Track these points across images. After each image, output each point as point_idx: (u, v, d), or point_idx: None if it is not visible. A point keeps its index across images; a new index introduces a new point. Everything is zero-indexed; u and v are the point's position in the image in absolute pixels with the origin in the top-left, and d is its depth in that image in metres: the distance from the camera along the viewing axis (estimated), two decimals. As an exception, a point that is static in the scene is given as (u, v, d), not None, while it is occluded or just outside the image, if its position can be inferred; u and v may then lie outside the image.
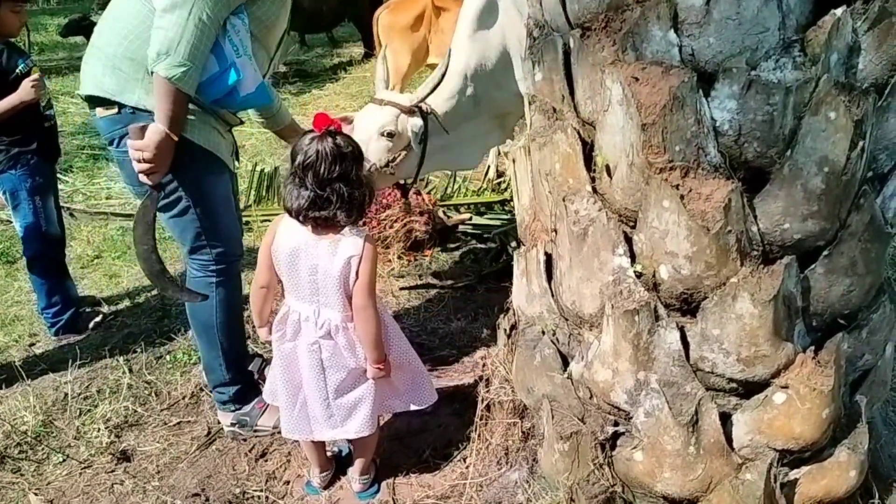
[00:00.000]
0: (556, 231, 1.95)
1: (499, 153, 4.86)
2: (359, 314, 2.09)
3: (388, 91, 3.17)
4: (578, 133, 1.85)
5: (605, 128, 1.76)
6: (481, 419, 2.35)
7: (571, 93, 1.88)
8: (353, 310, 2.09)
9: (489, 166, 4.80)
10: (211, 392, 2.81)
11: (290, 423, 2.28)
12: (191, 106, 2.23)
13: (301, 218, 2.02)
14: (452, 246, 4.25)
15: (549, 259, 2.05)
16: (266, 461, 2.63)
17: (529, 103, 1.97)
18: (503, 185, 4.68)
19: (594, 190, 1.85)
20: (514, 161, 2.16)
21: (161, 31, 2.07)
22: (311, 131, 2.00)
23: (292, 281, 2.12)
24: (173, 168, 2.27)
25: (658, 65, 1.65)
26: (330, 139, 1.97)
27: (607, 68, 1.70)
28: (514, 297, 2.22)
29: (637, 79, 1.67)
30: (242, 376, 2.79)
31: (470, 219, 4.37)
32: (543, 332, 2.09)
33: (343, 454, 2.56)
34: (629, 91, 1.66)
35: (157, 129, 2.15)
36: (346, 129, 3.32)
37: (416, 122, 3.02)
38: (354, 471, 2.43)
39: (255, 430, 2.75)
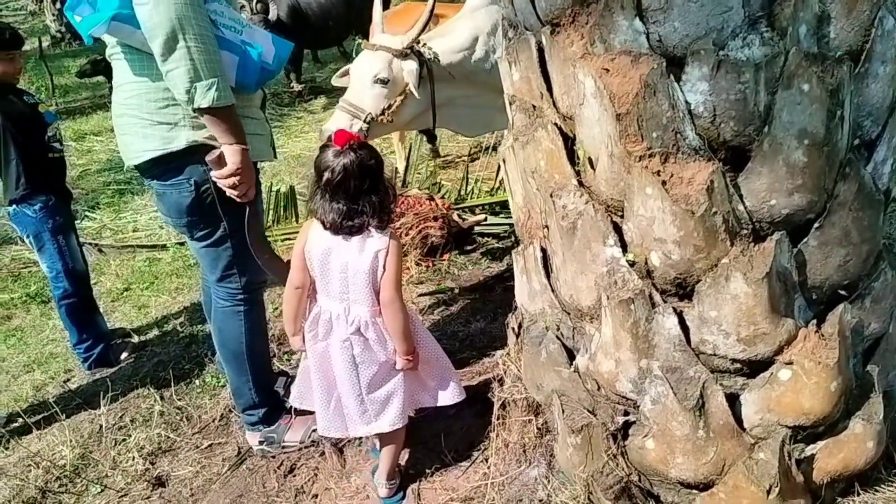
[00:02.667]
0: (547, 227, 1.96)
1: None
2: (387, 307, 2.18)
3: (381, 35, 3.11)
4: (560, 129, 1.86)
5: (583, 121, 1.77)
6: (498, 419, 2.36)
7: (549, 90, 1.89)
8: (381, 303, 2.18)
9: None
10: (240, 414, 2.87)
11: (326, 421, 2.37)
12: None
13: (336, 229, 2.13)
14: (469, 248, 4.27)
15: (545, 255, 2.06)
16: (294, 477, 2.68)
17: (510, 103, 1.99)
18: (516, 183, 4.68)
19: (580, 183, 1.86)
20: (504, 161, 2.18)
21: (176, 72, 2.07)
22: (329, 145, 2.10)
23: (324, 280, 2.22)
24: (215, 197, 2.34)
25: (627, 54, 1.65)
26: (353, 154, 2.06)
27: (578, 62, 1.71)
28: (517, 295, 2.24)
29: (608, 70, 1.68)
30: (270, 398, 2.85)
31: (485, 219, 4.38)
32: (547, 328, 2.10)
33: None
34: (601, 83, 1.67)
35: (233, 149, 2.21)
36: (338, 81, 3.34)
37: (411, 65, 2.98)
38: (381, 475, 2.48)
39: (283, 446, 2.80)
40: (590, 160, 1.80)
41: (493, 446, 2.38)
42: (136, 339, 3.82)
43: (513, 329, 2.35)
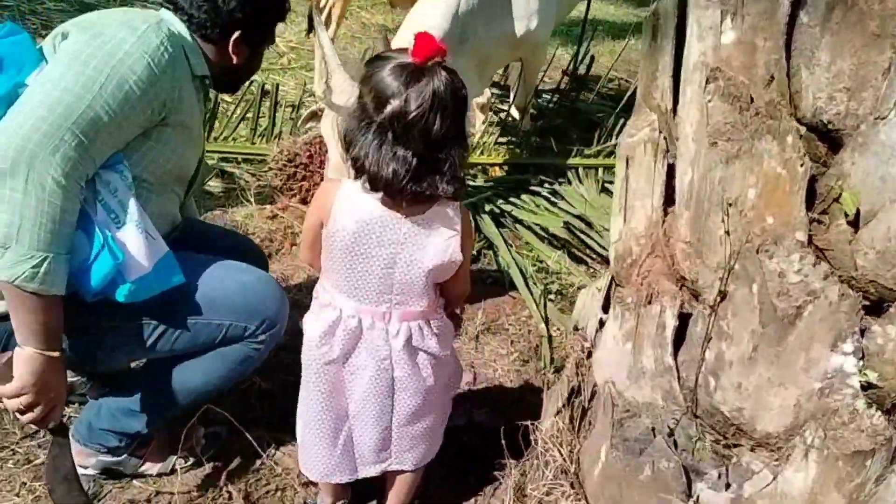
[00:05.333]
0: (722, 294, 1.22)
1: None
2: (460, 302, 1.62)
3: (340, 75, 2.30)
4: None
5: (871, 148, 1.03)
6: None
7: (788, 75, 1.13)
8: (455, 299, 1.58)
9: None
10: (98, 430, 1.93)
11: (331, 465, 1.64)
12: None
13: (394, 193, 1.33)
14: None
15: (681, 324, 1.33)
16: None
17: (707, 80, 1.21)
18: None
19: (810, 240, 1.14)
20: (627, 160, 1.41)
21: None
22: (389, 57, 1.29)
23: (352, 275, 1.42)
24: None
25: None
26: (444, 74, 1.26)
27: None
28: (602, 363, 1.49)
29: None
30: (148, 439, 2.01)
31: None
32: (654, 431, 1.39)
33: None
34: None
35: (28, 356, 1.41)
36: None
37: None
38: None
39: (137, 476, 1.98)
40: (857, 213, 1.07)
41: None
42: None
43: (562, 396, 1.60)
